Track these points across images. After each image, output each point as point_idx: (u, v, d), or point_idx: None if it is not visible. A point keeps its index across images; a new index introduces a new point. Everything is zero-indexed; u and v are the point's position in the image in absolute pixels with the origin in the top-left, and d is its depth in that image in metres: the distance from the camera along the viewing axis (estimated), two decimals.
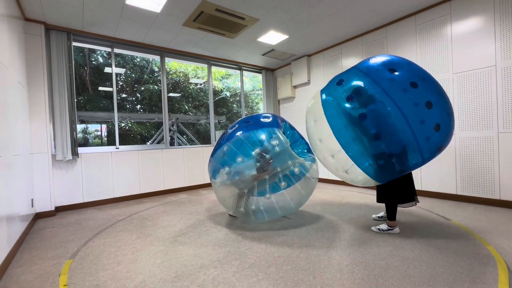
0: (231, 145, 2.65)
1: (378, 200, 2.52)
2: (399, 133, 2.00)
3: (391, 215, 2.44)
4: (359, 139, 2.14)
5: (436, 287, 1.56)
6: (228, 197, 2.72)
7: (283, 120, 3.03)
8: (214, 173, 2.77)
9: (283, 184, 2.58)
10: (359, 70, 2.25)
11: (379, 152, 2.10)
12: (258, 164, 2.53)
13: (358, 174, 2.26)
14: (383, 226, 2.49)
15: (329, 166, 2.52)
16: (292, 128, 3.07)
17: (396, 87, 2.03)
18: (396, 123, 1.99)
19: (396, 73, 2.09)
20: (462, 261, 1.86)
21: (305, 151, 2.94)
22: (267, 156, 2.53)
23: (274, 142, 2.54)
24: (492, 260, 1.85)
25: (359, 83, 2.17)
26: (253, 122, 2.76)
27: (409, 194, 2.40)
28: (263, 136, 2.59)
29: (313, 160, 2.82)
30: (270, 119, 2.82)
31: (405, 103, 1.98)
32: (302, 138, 3.06)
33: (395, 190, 2.38)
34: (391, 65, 2.15)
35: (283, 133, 2.89)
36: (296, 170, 2.58)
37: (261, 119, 2.80)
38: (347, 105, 2.17)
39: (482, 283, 1.58)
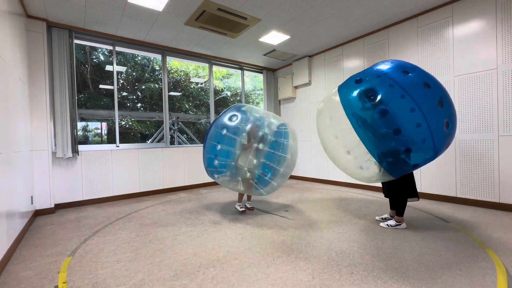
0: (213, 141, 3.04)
1: (392, 196, 2.68)
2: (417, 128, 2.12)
3: (401, 211, 2.60)
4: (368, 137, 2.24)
5: None
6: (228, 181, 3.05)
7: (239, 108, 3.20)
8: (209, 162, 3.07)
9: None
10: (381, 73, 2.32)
11: (389, 150, 2.21)
12: (243, 140, 2.91)
13: (374, 169, 2.36)
14: (391, 222, 2.65)
15: (341, 162, 2.64)
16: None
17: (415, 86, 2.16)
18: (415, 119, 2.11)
19: (410, 74, 2.22)
20: (461, 264, 1.86)
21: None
22: (246, 127, 2.90)
23: (234, 120, 2.98)
24: (491, 263, 1.86)
25: (377, 83, 2.25)
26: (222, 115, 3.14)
27: (414, 189, 2.58)
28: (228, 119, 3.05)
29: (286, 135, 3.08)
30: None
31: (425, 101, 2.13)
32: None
33: (407, 186, 2.54)
34: (405, 68, 2.28)
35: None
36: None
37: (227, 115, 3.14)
38: (365, 104, 2.26)
39: (481, 286, 1.58)
